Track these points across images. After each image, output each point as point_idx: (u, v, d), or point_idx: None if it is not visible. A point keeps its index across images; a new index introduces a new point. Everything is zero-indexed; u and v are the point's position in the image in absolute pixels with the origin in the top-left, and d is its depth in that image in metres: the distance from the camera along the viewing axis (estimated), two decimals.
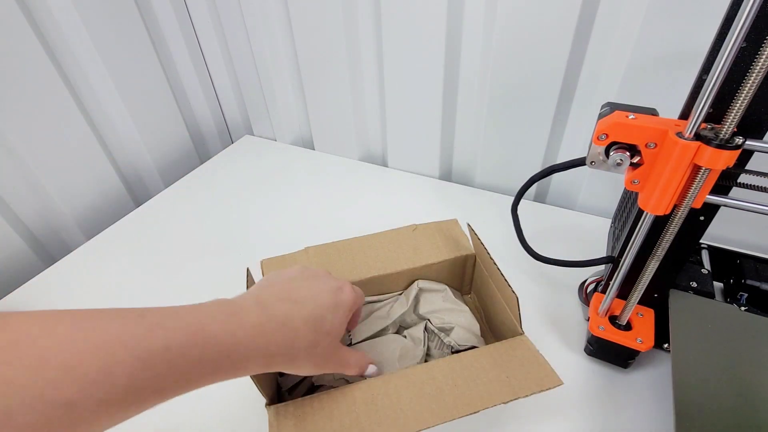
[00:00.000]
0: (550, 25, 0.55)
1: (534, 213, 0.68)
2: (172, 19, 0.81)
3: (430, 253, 0.49)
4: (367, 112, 0.79)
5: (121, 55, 0.74)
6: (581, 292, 0.52)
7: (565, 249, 0.53)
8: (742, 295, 0.48)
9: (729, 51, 0.26)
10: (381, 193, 0.76)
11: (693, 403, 0.37)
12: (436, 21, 0.61)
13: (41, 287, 0.61)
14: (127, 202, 0.81)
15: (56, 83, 0.66)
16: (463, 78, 0.66)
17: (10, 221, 0.65)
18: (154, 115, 0.83)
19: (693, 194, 0.32)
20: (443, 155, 0.76)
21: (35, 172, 0.66)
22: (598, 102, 0.38)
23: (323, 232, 0.55)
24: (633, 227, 0.38)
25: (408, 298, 0.48)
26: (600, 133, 0.33)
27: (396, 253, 0.49)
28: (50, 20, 0.64)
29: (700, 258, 0.51)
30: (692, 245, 0.40)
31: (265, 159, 0.88)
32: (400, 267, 0.48)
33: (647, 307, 0.46)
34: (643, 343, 0.42)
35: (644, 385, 0.44)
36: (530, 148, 0.67)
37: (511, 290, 0.39)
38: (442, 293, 0.49)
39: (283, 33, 0.77)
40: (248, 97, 0.92)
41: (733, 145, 0.28)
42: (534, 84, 0.61)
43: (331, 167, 0.83)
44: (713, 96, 0.28)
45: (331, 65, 0.75)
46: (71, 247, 0.69)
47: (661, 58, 0.51)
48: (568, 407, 0.43)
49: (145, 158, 0.83)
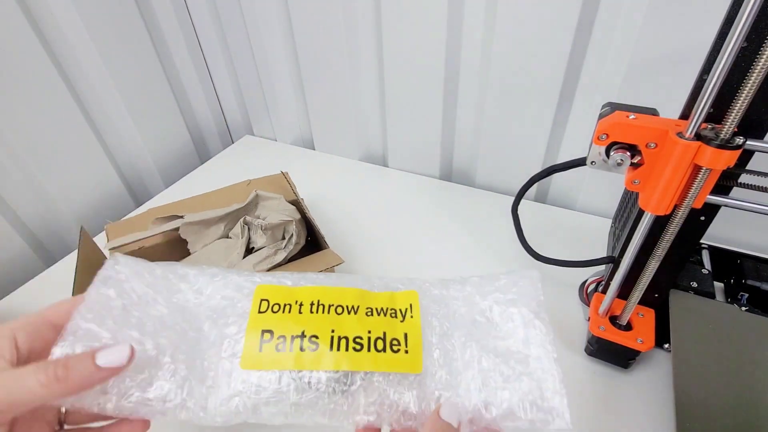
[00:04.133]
0: (551, 25, 0.55)
1: (534, 213, 0.68)
2: (172, 19, 0.81)
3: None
4: (368, 112, 0.79)
5: (122, 56, 0.74)
6: (581, 292, 0.52)
7: (565, 249, 0.53)
8: (742, 295, 0.48)
9: (729, 51, 0.26)
10: (381, 193, 0.76)
11: (693, 402, 0.37)
12: (436, 21, 0.61)
13: (42, 287, 0.61)
14: (127, 202, 0.81)
15: (57, 83, 0.66)
16: (464, 78, 0.66)
17: (11, 221, 0.65)
18: (155, 115, 0.83)
19: (693, 194, 0.32)
20: (443, 155, 0.76)
21: (36, 172, 0.66)
22: (599, 102, 0.38)
23: (323, 232, 0.55)
24: (633, 227, 0.38)
25: (244, 201, 0.57)
26: (600, 133, 0.33)
27: (231, 200, 0.58)
28: (51, 20, 0.64)
29: (701, 258, 0.51)
30: (693, 245, 0.40)
31: (265, 159, 0.88)
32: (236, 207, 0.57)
33: (648, 307, 0.46)
34: (643, 343, 0.42)
35: (644, 385, 0.44)
36: (530, 148, 0.67)
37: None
38: (277, 200, 0.58)
39: (284, 33, 0.77)
40: (248, 97, 0.92)
41: (734, 145, 0.28)
42: (534, 84, 0.61)
43: (331, 167, 0.83)
44: (714, 96, 0.28)
45: (331, 65, 0.75)
46: (72, 247, 0.69)
47: (662, 58, 0.51)
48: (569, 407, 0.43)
49: (146, 158, 0.83)
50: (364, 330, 0.28)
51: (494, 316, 0.31)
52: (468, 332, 0.30)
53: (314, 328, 0.28)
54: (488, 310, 0.31)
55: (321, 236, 0.53)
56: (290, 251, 0.52)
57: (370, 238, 0.65)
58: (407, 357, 0.28)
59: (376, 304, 0.30)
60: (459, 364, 0.28)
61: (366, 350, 0.27)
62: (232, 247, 0.54)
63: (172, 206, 0.59)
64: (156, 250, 0.55)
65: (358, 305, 0.29)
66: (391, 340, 0.28)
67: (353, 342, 0.27)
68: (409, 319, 0.29)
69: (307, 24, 0.72)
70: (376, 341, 0.28)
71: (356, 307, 0.29)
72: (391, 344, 0.28)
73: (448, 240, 0.64)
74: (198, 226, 0.55)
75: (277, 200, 0.59)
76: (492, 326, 0.30)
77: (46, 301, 0.28)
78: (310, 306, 0.29)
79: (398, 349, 0.28)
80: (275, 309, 0.29)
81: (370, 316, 0.29)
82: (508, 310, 0.31)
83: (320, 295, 0.30)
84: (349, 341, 0.27)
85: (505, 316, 0.30)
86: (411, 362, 0.27)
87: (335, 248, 0.52)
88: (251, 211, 0.58)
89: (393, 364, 0.27)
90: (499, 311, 0.31)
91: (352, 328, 0.28)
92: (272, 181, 0.64)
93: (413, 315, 0.30)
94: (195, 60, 0.88)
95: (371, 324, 0.28)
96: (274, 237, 0.54)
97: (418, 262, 0.61)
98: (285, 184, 0.63)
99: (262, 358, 0.27)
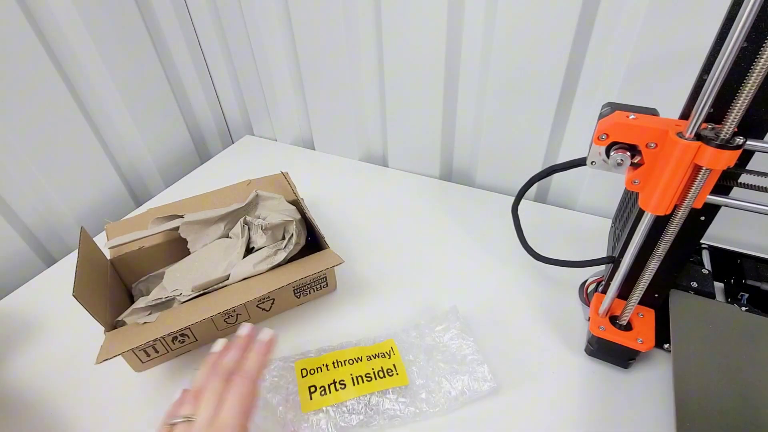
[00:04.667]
0: (551, 25, 0.55)
1: (534, 213, 0.68)
2: (172, 19, 0.81)
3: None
4: (368, 112, 0.79)
5: (122, 56, 0.74)
6: (582, 292, 0.52)
7: (565, 249, 0.53)
8: (742, 295, 0.48)
9: (730, 51, 0.26)
10: (381, 193, 0.76)
11: (693, 403, 0.37)
12: (436, 21, 0.61)
13: (42, 287, 0.61)
14: (127, 202, 0.81)
15: (57, 84, 0.66)
16: (464, 78, 0.66)
17: (11, 221, 0.65)
18: (155, 115, 0.83)
19: (694, 194, 0.32)
20: (443, 155, 0.76)
21: (36, 172, 0.66)
22: (599, 102, 0.38)
23: (323, 231, 0.55)
24: (633, 227, 0.38)
25: (245, 201, 0.58)
26: (600, 133, 0.33)
27: (231, 200, 0.60)
28: (51, 20, 0.64)
29: (701, 258, 0.51)
30: (693, 245, 0.40)
31: (265, 159, 0.88)
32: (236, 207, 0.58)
33: (648, 307, 0.46)
34: (643, 343, 0.42)
35: (644, 385, 0.44)
36: (531, 148, 0.67)
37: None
38: (277, 200, 0.59)
39: (284, 33, 0.77)
40: (249, 97, 0.92)
41: (734, 145, 0.28)
42: (534, 84, 0.61)
43: (331, 167, 0.83)
44: (714, 96, 0.28)
45: (331, 65, 0.75)
46: (72, 248, 0.69)
47: (662, 58, 0.51)
48: (569, 407, 0.43)
49: (146, 158, 0.83)
50: (369, 369, 0.45)
51: (441, 339, 0.48)
52: (429, 353, 0.47)
53: (339, 377, 0.44)
54: (437, 337, 0.49)
55: (321, 236, 0.53)
56: (290, 251, 0.52)
57: (370, 238, 0.65)
58: (399, 377, 0.45)
59: (370, 352, 0.47)
60: (428, 372, 0.46)
61: (374, 379, 0.44)
62: (231, 247, 0.54)
63: (171, 206, 0.59)
64: (156, 249, 0.55)
65: (361, 356, 0.46)
66: (387, 369, 0.45)
67: (365, 377, 0.44)
68: (393, 356, 0.46)
69: (307, 24, 0.72)
70: (378, 372, 0.45)
71: (360, 357, 0.46)
72: (387, 372, 0.45)
73: (448, 240, 0.64)
74: (198, 225, 0.55)
75: (277, 200, 0.59)
76: (441, 346, 0.48)
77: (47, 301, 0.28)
78: (333, 365, 0.45)
79: (392, 374, 0.45)
80: (312, 372, 0.45)
81: (370, 360, 0.46)
82: (447, 334, 0.49)
83: (336, 356, 0.46)
84: (362, 378, 0.44)
85: (447, 337, 0.49)
86: (401, 380, 0.44)
87: (335, 248, 0.52)
88: (251, 211, 0.58)
89: (392, 383, 0.44)
90: (444, 336, 0.49)
91: (361, 370, 0.45)
92: (272, 181, 0.64)
93: (395, 353, 0.47)
94: (195, 60, 0.88)
95: (372, 364, 0.45)
96: (274, 237, 0.54)
97: (417, 262, 0.61)
98: (285, 184, 0.63)
99: (313, 403, 0.43)
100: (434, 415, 0.43)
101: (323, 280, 0.54)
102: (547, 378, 0.46)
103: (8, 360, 0.51)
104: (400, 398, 0.43)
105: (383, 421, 0.42)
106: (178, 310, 0.46)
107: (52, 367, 0.50)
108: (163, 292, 0.50)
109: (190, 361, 0.49)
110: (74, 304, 0.41)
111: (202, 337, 0.50)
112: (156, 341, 0.45)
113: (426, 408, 0.43)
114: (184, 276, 0.51)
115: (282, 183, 0.63)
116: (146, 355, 0.47)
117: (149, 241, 0.55)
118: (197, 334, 0.49)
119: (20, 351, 0.52)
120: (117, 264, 0.54)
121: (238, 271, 0.49)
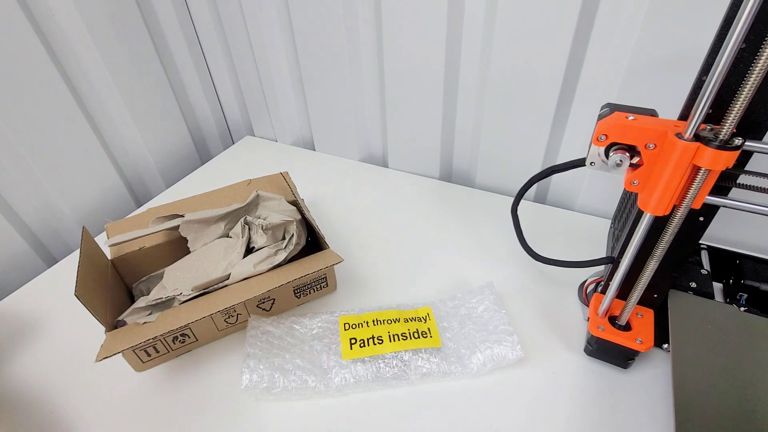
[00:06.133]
0: (550, 25, 0.55)
1: (534, 213, 0.68)
2: (173, 19, 0.82)
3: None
4: (368, 112, 0.79)
5: (123, 56, 0.74)
6: (581, 292, 0.52)
7: (565, 249, 0.53)
8: (741, 296, 0.48)
9: (728, 52, 0.26)
10: (381, 193, 0.76)
11: (693, 403, 0.37)
12: (436, 22, 0.61)
13: (42, 287, 0.61)
14: (128, 202, 0.81)
15: (58, 84, 0.67)
16: (464, 78, 0.66)
17: (12, 221, 0.65)
18: (156, 115, 0.83)
19: (692, 195, 0.32)
20: (443, 156, 0.76)
21: (37, 172, 0.66)
22: (598, 103, 0.38)
23: (323, 232, 0.55)
24: (633, 228, 0.38)
25: (245, 201, 0.58)
26: (600, 133, 0.33)
27: (232, 200, 0.60)
28: (52, 21, 0.65)
29: (700, 258, 0.51)
30: (692, 246, 0.40)
31: (265, 159, 0.88)
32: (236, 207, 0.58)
33: (647, 307, 0.46)
34: (642, 343, 0.42)
35: (644, 385, 0.44)
36: (530, 149, 0.67)
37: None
38: (278, 201, 0.59)
39: (284, 34, 0.78)
40: (249, 98, 0.93)
41: (733, 146, 0.28)
42: (534, 84, 0.61)
43: (331, 168, 0.84)
44: (713, 97, 0.28)
45: (331, 66, 0.75)
46: (72, 248, 0.70)
47: (661, 59, 0.51)
48: (568, 407, 0.43)
49: (147, 159, 0.83)
50: (405, 329, 0.49)
51: (475, 310, 0.51)
52: (461, 322, 0.51)
53: (378, 333, 0.48)
54: (472, 308, 0.52)
55: (321, 236, 0.54)
56: (291, 251, 0.52)
57: (370, 239, 0.65)
58: (432, 340, 0.48)
59: (408, 315, 0.51)
60: (460, 338, 0.49)
61: (410, 339, 0.48)
62: (232, 247, 0.54)
63: (172, 205, 0.59)
64: (156, 249, 0.56)
65: (399, 317, 0.50)
66: (422, 332, 0.48)
67: (401, 336, 0.48)
68: (428, 321, 0.50)
69: (308, 24, 0.72)
70: (413, 333, 0.48)
71: (399, 319, 0.50)
72: (422, 334, 0.48)
73: (448, 240, 0.64)
74: (198, 224, 0.55)
75: (277, 201, 0.59)
76: (475, 316, 0.51)
77: (47, 301, 0.28)
78: (372, 322, 0.50)
79: (426, 336, 0.48)
80: (353, 327, 0.49)
81: (407, 322, 0.50)
82: (482, 305, 0.51)
83: (376, 316, 0.50)
84: (398, 336, 0.48)
85: (480, 309, 0.51)
86: (435, 342, 0.48)
87: (335, 249, 0.53)
88: (252, 211, 0.58)
89: (425, 344, 0.47)
90: (478, 307, 0.51)
91: (398, 329, 0.49)
92: (272, 182, 0.64)
93: (430, 318, 0.50)
94: (196, 60, 0.88)
95: (409, 326, 0.49)
96: (274, 237, 0.54)
97: (417, 263, 0.61)
98: (285, 184, 0.63)
99: (353, 352, 0.47)
100: (463, 376, 0.46)
101: (323, 280, 0.54)
102: (546, 378, 0.46)
103: (9, 359, 0.51)
104: (432, 358, 0.46)
105: (415, 377, 0.46)
106: (178, 310, 0.46)
107: (53, 367, 0.50)
108: (164, 291, 0.50)
109: (191, 361, 0.49)
110: (75, 304, 0.41)
111: (203, 336, 0.50)
112: (156, 340, 0.46)
113: (456, 369, 0.46)
114: (185, 275, 0.51)
115: (282, 183, 0.63)
116: (147, 355, 0.47)
117: (150, 241, 0.55)
118: (198, 334, 0.49)
119: (21, 350, 0.52)
120: (118, 264, 0.54)
121: (238, 271, 0.50)
